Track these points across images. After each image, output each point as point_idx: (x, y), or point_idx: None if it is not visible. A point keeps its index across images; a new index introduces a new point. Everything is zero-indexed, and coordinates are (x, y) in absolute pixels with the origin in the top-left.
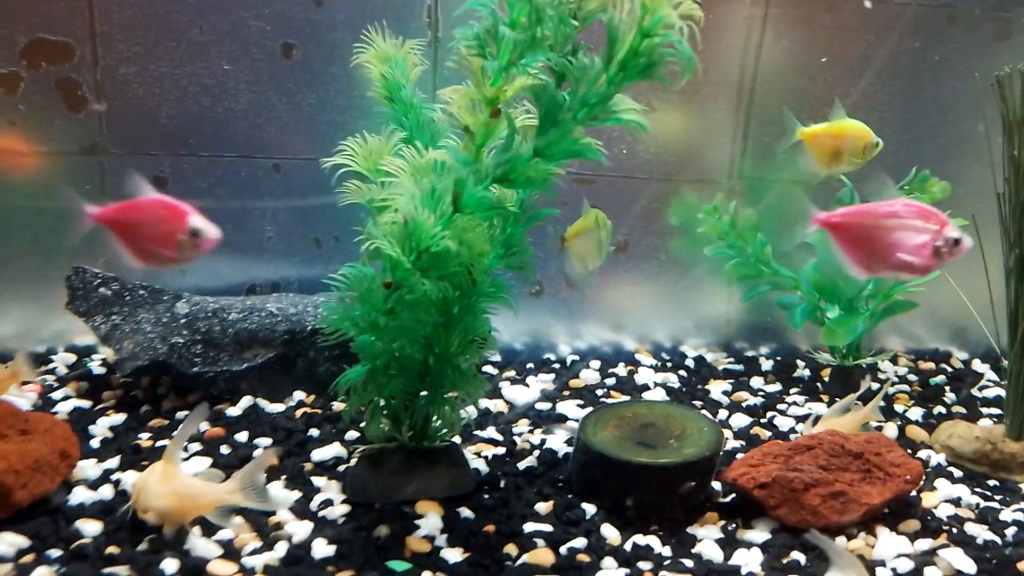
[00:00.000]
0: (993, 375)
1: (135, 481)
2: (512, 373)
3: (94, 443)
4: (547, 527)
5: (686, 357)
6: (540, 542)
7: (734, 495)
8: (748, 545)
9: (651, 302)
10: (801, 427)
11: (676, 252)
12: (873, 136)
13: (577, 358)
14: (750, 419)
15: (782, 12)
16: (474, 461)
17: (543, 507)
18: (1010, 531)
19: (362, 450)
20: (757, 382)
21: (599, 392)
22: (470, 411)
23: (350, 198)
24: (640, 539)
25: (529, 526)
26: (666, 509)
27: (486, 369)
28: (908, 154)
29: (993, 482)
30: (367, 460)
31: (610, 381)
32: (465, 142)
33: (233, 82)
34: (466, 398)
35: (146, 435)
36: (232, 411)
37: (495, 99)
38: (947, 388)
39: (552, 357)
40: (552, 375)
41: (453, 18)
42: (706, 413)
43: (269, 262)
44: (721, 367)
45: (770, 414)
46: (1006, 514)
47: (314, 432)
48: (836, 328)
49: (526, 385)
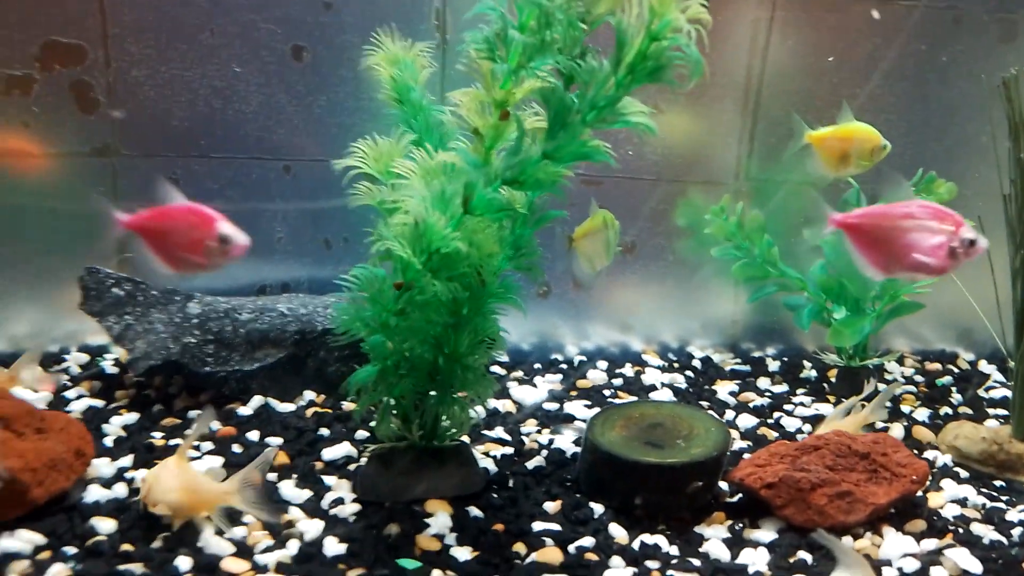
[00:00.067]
0: (999, 376)
1: (146, 475)
2: (520, 373)
3: (107, 442)
4: (555, 526)
5: (693, 358)
6: (548, 541)
7: (741, 495)
8: (755, 544)
9: (658, 303)
10: (808, 428)
11: (683, 253)
12: (881, 139)
13: (584, 359)
14: (757, 419)
15: (788, 14)
16: (483, 461)
17: (551, 506)
18: (1016, 531)
19: (372, 449)
20: (764, 383)
21: (606, 392)
22: (479, 411)
23: (360, 200)
24: (648, 538)
25: (538, 525)
26: (673, 509)
27: (494, 369)
28: (914, 155)
29: (999, 482)
30: (377, 459)
31: (617, 381)
32: (475, 144)
33: (244, 84)
34: (475, 398)
35: (159, 434)
36: (243, 410)
37: (504, 102)
38: (953, 389)
39: (560, 357)
40: (560, 375)
41: (462, 21)
42: (713, 413)
43: (280, 263)
44: (728, 368)
45: (777, 415)
46: (1012, 514)
47: (325, 431)
48: (843, 329)
49: (534, 385)
